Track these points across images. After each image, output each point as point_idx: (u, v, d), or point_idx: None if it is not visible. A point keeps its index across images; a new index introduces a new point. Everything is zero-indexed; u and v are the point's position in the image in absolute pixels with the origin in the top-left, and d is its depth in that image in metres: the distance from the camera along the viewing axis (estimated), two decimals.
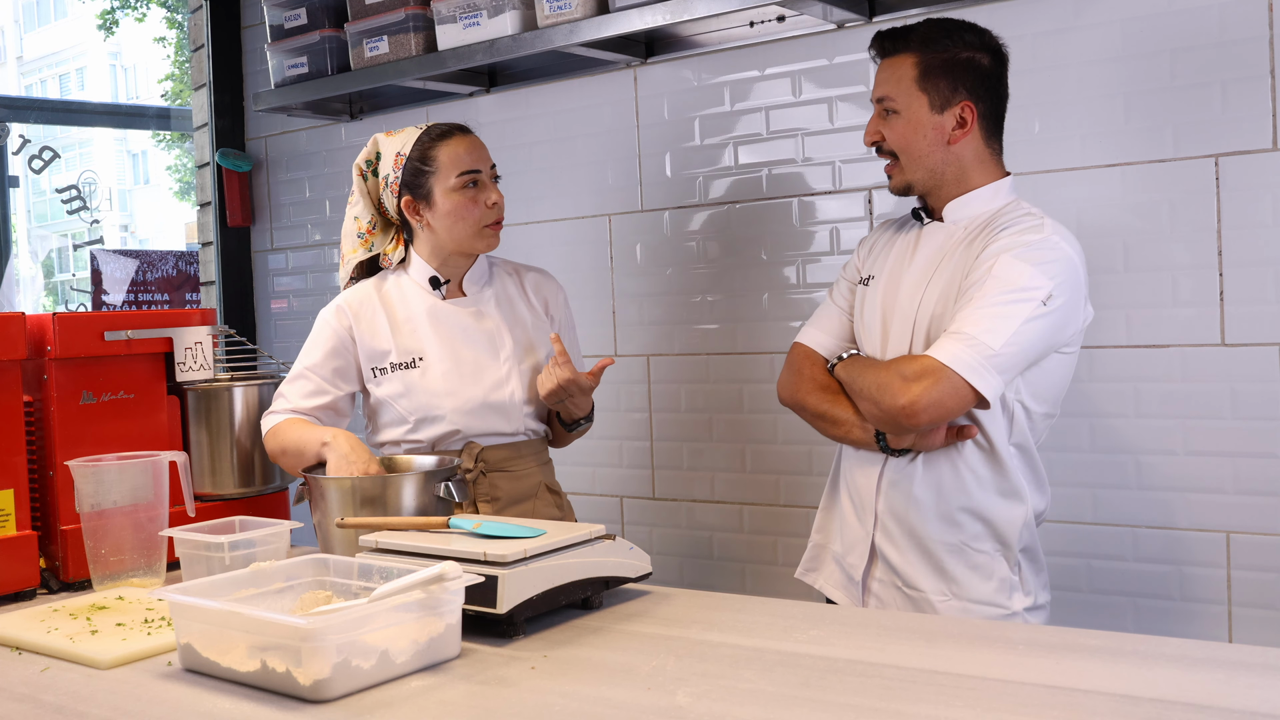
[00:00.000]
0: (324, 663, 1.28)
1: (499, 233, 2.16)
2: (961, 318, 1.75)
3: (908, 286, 1.91)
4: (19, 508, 1.91)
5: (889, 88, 1.89)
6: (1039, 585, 1.90)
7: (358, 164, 2.24)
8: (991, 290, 1.75)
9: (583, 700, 1.27)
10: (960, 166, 1.89)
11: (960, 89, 1.86)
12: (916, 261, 1.92)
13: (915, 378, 1.74)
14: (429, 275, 2.18)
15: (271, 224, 3.65)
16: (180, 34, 11.78)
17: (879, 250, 2.04)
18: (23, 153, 3.34)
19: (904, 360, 1.80)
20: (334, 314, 2.18)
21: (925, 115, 1.87)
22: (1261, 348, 2.11)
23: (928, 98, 1.86)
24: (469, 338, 2.15)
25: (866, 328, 1.98)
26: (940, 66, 1.86)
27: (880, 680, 1.30)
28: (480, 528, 1.68)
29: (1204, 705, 1.17)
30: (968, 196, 1.89)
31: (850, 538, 1.97)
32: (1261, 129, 2.09)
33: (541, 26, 2.61)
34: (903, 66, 1.88)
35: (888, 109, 1.90)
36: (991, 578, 1.85)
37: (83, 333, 2.02)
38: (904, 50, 1.88)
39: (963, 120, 1.86)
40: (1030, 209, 1.88)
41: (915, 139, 1.88)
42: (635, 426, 2.90)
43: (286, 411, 2.13)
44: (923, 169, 1.89)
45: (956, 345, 1.73)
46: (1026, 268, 1.75)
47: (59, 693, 1.39)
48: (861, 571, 1.94)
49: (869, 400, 1.82)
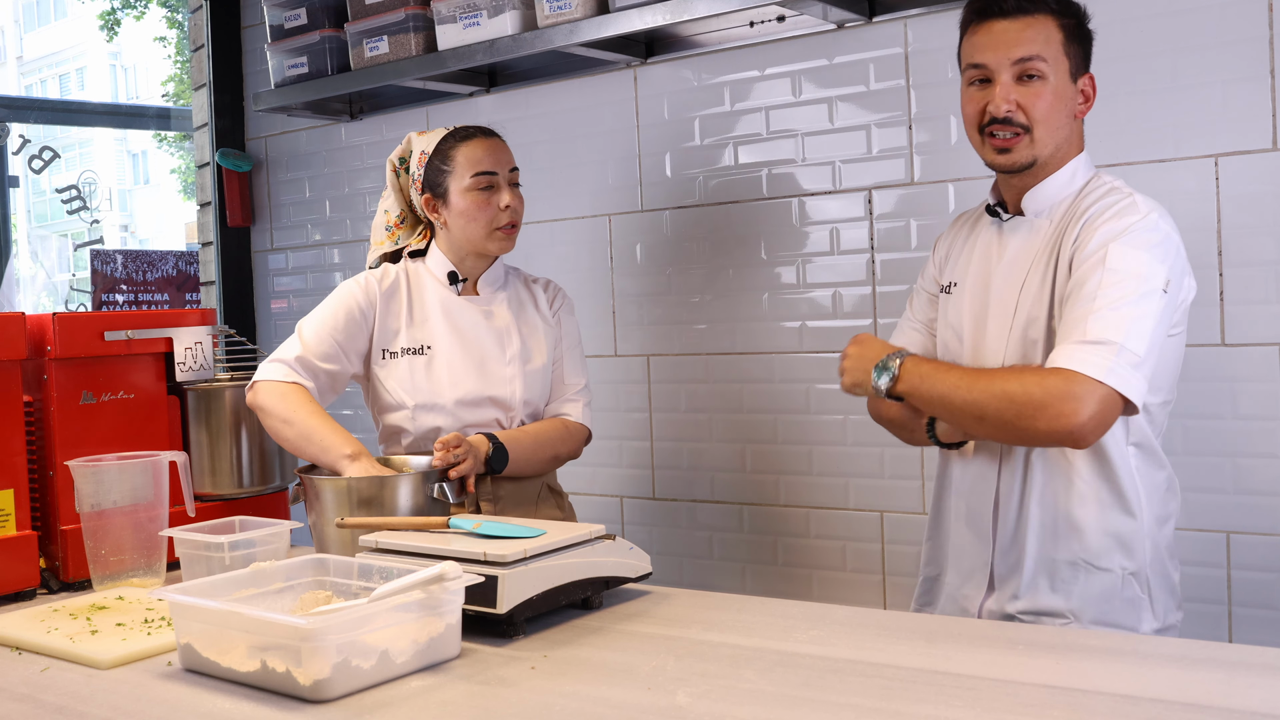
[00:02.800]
0: (324, 663, 1.28)
1: (513, 236, 2.19)
2: (1091, 321, 1.58)
3: (999, 289, 1.79)
4: (19, 508, 1.91)
5: (1036, 46, 1.69)
6: (1170, 604, 1.75)
7: (391, 159, 2.29)
8: (1112, 286, 1.59)
9: (583, 700, 1.27)
10: (1070, 145, 1.76)
11: (1088, 59, 1.75)
12: (1005, 261, 1.79)
13: (1069, 396, 1.55)
14: (448, 270, 2.21)
15: (271, 224, 3.65)
16: (181, 34, 11.78)
17: (956, 253, 1.92)
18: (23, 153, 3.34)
19: (1031, 373, 1.60)
20: (361, 286, 2.19)
21: (1066, 83, 1.72)
22: (1261, 348, 2.11)
23: (1069, 63, 1.72)
24: (478, 333, 2.18)
25: (956, 335, 1.85)
26: (1076, 32, 1.72)
27: (880, 680, 1.30)
28: (480, 528, 1.68)
29: (1204, 705, 1.17)
30: (1046, 183, 1.76)
31: (967, 567, 1.83)
32: (1261, 129, 2.09)
33: (541, 26, 2.61)
34: (1047, 27, 1.70)
35: (1031, 72, 1.70)
36: (1114, 598, 1.70)
37: (83, 333, 2.02)
38: (1044, 10, 1.71)
39: (1085, 94, 1.75)
40: (1113, 182, 1.75)
41: (1059, 109, 1.71)
42: (635, 426, 2.90)
43: (298, 363, 2.09)
44: (1053, 143, 1.73)
45: (1099, 355, 1.56)
46: (1141, 254, 1.61)
47: (59, 693, 1.39)
48: (977, 603, 1.80)
49: (1000, 423, 1.61)
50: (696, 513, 2.82)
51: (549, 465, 2.20)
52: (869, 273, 2.53)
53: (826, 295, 2.59)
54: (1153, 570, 1.74)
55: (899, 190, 2.48)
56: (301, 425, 2.01)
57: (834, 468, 2.59)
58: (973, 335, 1.83)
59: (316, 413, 2.03)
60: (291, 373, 2.08)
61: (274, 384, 2.07)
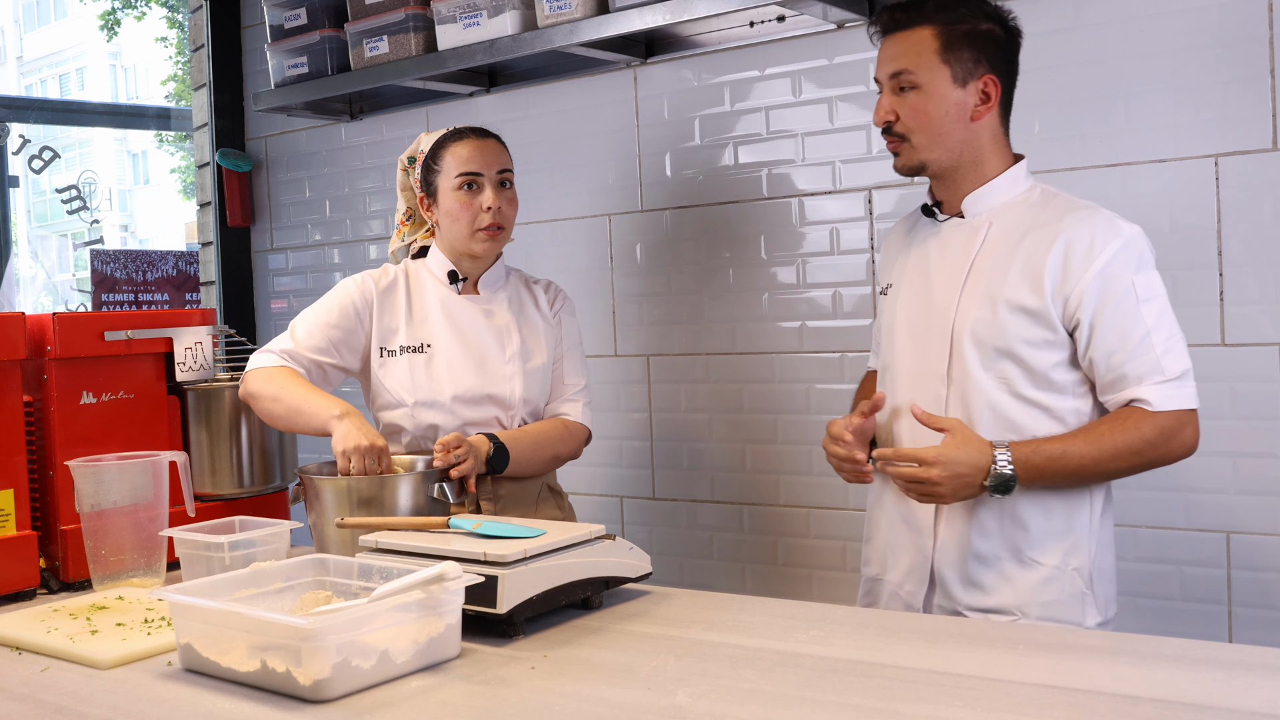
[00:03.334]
0: (324, 663, 1.28)
1: (498, 238, 2.18)
2: (1165, 360, 1.70)
3: (940, 292, 1.82)
4: (19, 508, 1.91)
5: (906, 60, 1.78)
6: (1111, 596, 1.81)
7: (401, 159, 2.31)
8: (1155, 316, 1.71)
9: (583, 700, 1.27)
10: (978, 146, 1.80)
11: (983, 61, 1.77)
12: (945, 264, 1.83)
13: (1179, 430, 1.70)
14: (447, 269, 2.22)
15: (271, 224, 3.65)
16: (181, 34, 11.78)
17: (893, 255, 1.96)
18: (23, 153, 3.34)
19: (1138, 420, 1.69)
20: (358, 284, 2.20)
21: (948, 89, 1.77)
22: (1261, 348, 2.11)
23: (950, 70, 1.77)
24: (478, 331, 2.19)
25: (897, 338, 1.89)
26: (963, 37, 1.77)
27: (880, 680, 1.30)
28: (480, 528, 1.68)
29: (1204, 705, 1.17)
30: (988, 187, 1.81)
31: (906, 564, 1.86)
32: (1261, 129, 2.09)
33: (541, 26, 2.61)
34: (922, 38, 1.78)
35: (904, 84, 1.79)
36: (1059, 593, 1.75)
37: (83, 333, 2.02)
38: (920, 21, 1.78)
39: (985, 95, 1.78)
40: (1068, 197, 1.81)
41: (936, 115, 1.77)
42: (635, 426, 2.90)
43: (285, 355, 2.11)
44: (942, 148, 1.79)
45: (1183, 389, 1.70)
46: (1153, 274, 1.73)
47: (59, 693, 1.39)
48: (921, 599, 1.84)
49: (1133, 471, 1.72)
50: (696, 513, 2.82)
51: (549, 465, 2.21)
52: (869, 273, 2.53)
53: (826, 295, 2.60)
54: (1095, 565, 1.78)
55: (899, 190, 2.48)
56: (289, 399, 2.01)
57: None
58: (910, 339, 1.86)
59: (303, 385, 2.04)
60: (279, 361, 2.10)
61: (261, 370, 2.09)
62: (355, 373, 2.21)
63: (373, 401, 2.22)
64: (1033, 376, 1.75)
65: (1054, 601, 1.75)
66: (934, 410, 1.80)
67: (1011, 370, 1.75)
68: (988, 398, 1.76)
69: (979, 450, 1.70)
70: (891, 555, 1.91)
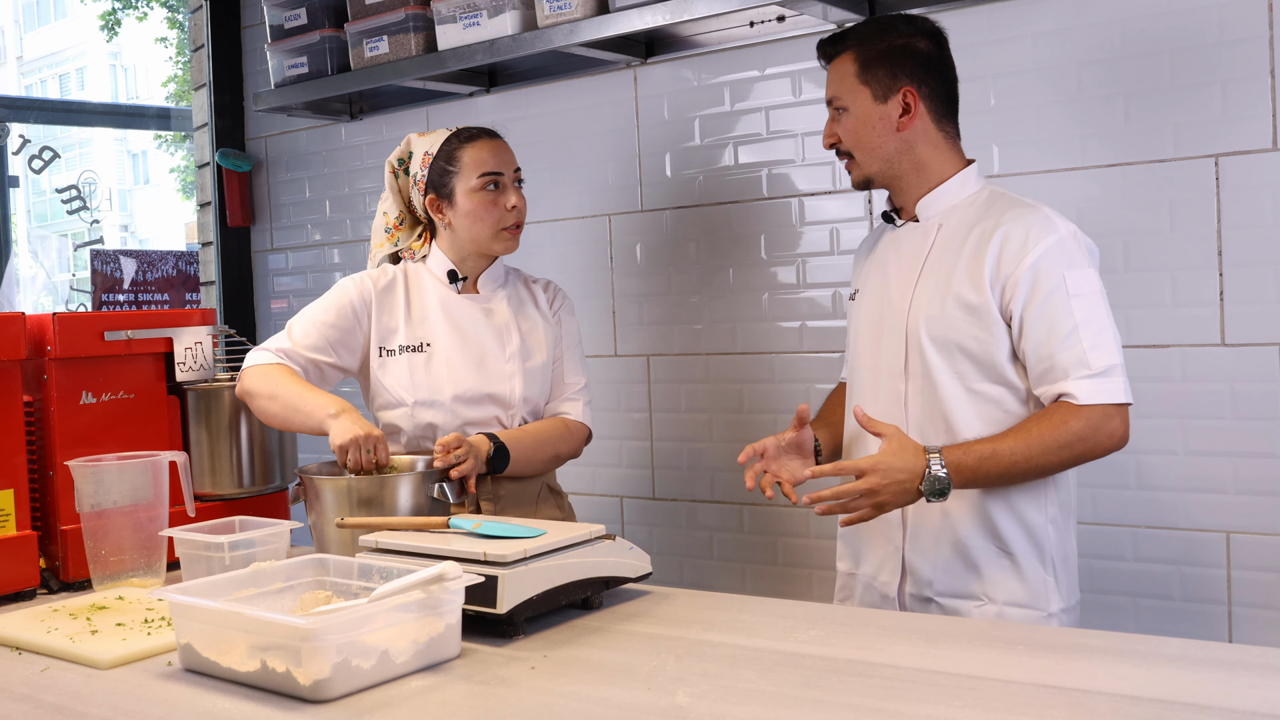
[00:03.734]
0: (324, 663, 1.28)
1: (518, 236, 2.19)
2: (1091, 355, 1.72)
3: (896, 292, 1.90)
4: (19, 508, 1.91)
5: (834, 88, 1.92)
6: (1073, 585, 1.86)
7: (390, 161, 2.28)
8: (1086, 312, 1.74)
9: (583, 700, 1.27)
10: (914, 153, 1.89)
11: (900, 75, 1.86)
12: (901, 265, 1.91)
13: (1106, 424, 1.71)
14: (447, 269, 2.21)
15: (271, 224, 3.65)
16: (181, 34, 11.78)
17: (860, 263, 2.06)
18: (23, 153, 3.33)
19: (1064, 416, 1.71)
20: (356, 284, 2.19)
21: (870, 107, 1.88)
22: (1261, 348, 2.11)
23: (869, 89, 1.87)
24: (478, 330, 2.18)
25: (860, 340, 1.97)
26: (877, 57, 1.87)
27: (880, 680, 1.30)
28: (480, 528, 1.68)
29: (1204, 705, 1.17)
30: (938, 191, 1.89)
31: (878, 556, 1.92)
32: (1261, 129, 2.09)
33: (541, 26, 2.61)
34: (844, 65, 1.90)
35: (838, 108, 1.92)
36: (1025, 580, 1.81)
37: (83, 333, 2.02)
38: (842, 50, 1.91)
39: (907, 105, 1.87)
40: (1004, 191, 1.88)
41: (865, 132, 1.89)
42: (635, 426, 2.90)
43: (281, 354, 2.11)
44: (877, 160, 1.90)
45: (1111, 383, 1.72)
46: (1087, 271, 1.77)
47: (59, 693, 1.39)
48: (895, 588, 1.89)
49: (1063, 466, 1.75)
50: (696, 513, 2.82)
51: (550, 465, 2.20)
52: None
53: (826, 295, 2.60)
54: (1058, 554, 1.83)
55: None
56: (285, 396, 2.01)
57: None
58: (873, 339, 1.92)
59: (300, 383, 2.04)
60: (275, 359, 2.10)
61: (257, 367, 2.08)
62: (354, 372, 2.21)
63: (372, 401, 2.22)
64: (983, 369, 1.80)
65: (1020, 587, 1.81)
66: (894, 406, 1.87)
67: (964, 364, 1.81)
68: (944, 392, 1.82)
69: (914, 455, 1.72)
70: (863, 549, 1.96)
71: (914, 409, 1.85)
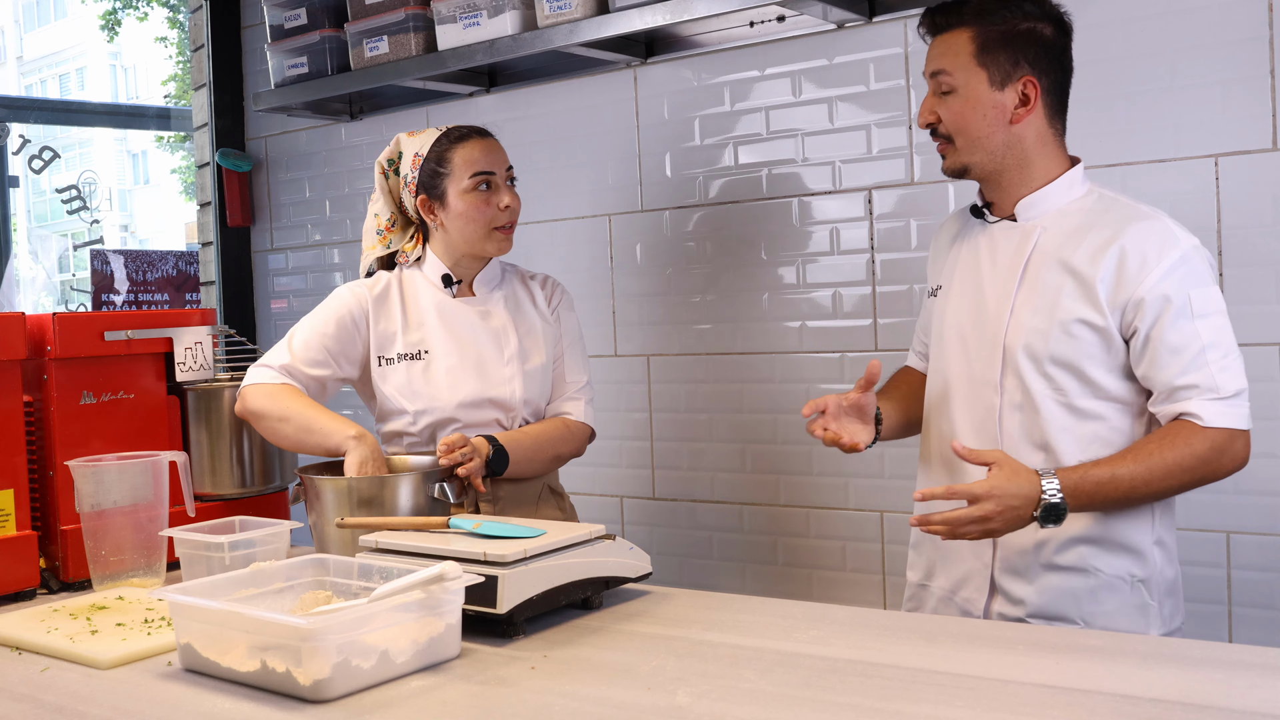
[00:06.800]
0: (324, 663, 1.28)
1: (510, 236, 2.18)
2: (1220, 378, 1.65)
3: (991, 297, 1.78)
4: (19, 508, 1.91)
5: (943, 62, 1.76)
6: (1176, 609, 1.77)
7: (379, 162, 2.26)
8: (1213, 333, 1.66)
9: (583, 700, 1.27)
10: (1023, 149, 1.76)
11: (1022, 62, 1.73)
12: (996, 268, 1.79)
13: (1231, 445, 1.66)
14: (442, 273, 2.20)
15: (271, 224, 3.65)
16: (181, 34, 11.78)
17: (942, 257, 1.93)
18: (23, 153, 3.33)
19: (1188, 436, 1.64)
20: (352, 293, 2.18)
21: (984, 92, 1.74)
22: (1261, 348, 2.11)
23: (987, 73, 1.73)
24: (475, 334, 2.17)
25: (947, 343, 1.85)
26: (999, 39, 1.73)
27: (880, 680, 1.30)
28: (480, 528, 1.68)
29: (1204, 705, 1.17)
30: (1042, 192, 1.77)
31: (960, 571, 1.82)
32: (1261, 129, 2.09)
33: (541, 26, 2.61)
34: (958, 41, 1.75)
35: (944, 86, 1.77)
36: (1123, 604, 1.71)
37: (83, 333, 2.02)
38: (958, 24, 1.76)
39: (1025, 97, 1.74)
40: (1127, 202, 1.76)
41: (974, 118, 1.75)
42: (635, 426, 2.90)
43: (284, 370, 2.10)
44: (982, 151, 1.76)
45: (1237, 408, 1.67)
46: (1212, 289, 1.68)
47: (59, 693, 1.39)
48: (981, 606, 1.79)
49: (1184, 488, 1.68)
50: (696, 513, 2.82)
51: (550, 465, 2.20)
52: (869, 273, 2.53)
53: (827, 295, 2.60)
54: (1160, 576, 1.74)
55: (899, 190, 2.48)
56: (298, 419, 2.01)
57: (834, 468, 2.59)
58: (961, 345, 1.82)
59: (311, 404, 2.04)
60: (278, 377, 2.09)
61: (261, 386, 2.07)
62: (354, 381, 2.20)
63: (375, 411, 2.21)
64: (1090, 387, 1.71)
65: (1116, 612, 1.72)
66: (988, 418, 1.77)
67: (1067, 381, 1.71)
68: (1043, 408, 1.72)
69: (1028, 480, 1.63)
70: (942, 562, 1.87)
71: (1009, 424, 1.75)
